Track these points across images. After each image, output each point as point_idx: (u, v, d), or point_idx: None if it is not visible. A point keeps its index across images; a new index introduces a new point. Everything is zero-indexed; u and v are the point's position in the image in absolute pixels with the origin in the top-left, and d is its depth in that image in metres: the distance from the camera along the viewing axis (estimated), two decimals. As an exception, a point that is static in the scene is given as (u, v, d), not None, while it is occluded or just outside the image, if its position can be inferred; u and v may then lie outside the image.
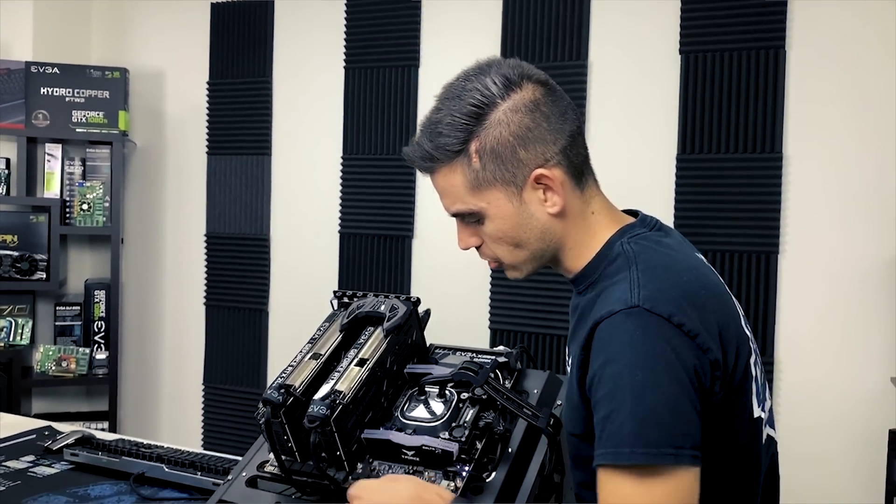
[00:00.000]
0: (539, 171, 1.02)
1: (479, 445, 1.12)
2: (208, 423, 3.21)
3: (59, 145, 3.09)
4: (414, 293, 2.88)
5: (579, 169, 1.06)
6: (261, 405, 1.09)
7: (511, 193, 1.03)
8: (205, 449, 3.16)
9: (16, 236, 3.00)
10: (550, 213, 1.04)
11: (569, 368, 1.07)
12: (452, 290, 2.82)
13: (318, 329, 1.27)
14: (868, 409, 2.29)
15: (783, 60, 2.35)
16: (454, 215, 1.08)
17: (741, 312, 1.04)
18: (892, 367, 2.26)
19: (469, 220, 1.07)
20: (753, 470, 1.02)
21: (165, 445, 1.79)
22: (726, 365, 0.95)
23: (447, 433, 1.12)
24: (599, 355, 0.93)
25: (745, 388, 0.98)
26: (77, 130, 3.03)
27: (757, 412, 1.01)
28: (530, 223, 1.04)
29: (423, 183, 2.86)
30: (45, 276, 3.01)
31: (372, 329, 1.23)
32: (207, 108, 3.18)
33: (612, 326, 0.93)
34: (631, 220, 1.10)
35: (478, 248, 1.11)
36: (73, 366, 3.04)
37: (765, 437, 1.04)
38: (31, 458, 1.74)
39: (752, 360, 1.00)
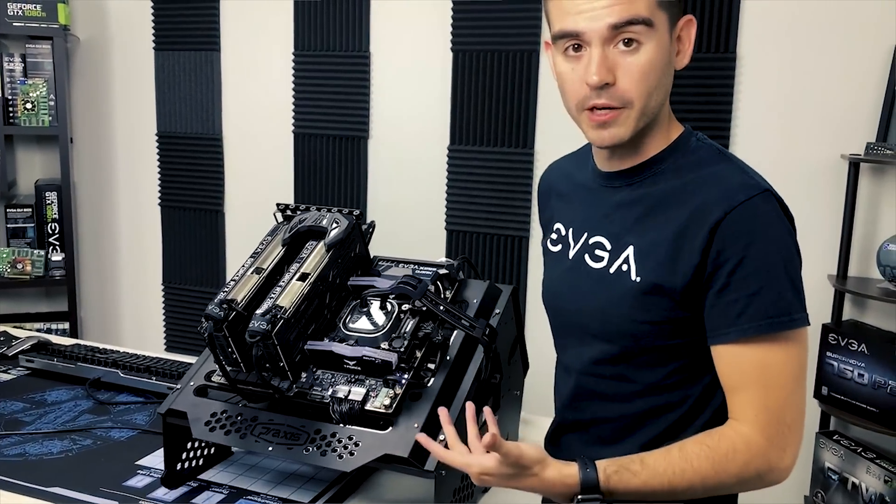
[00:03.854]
0: (689, 16, 1.04)
1: (418, 354, 1.17)
2: (170, 322, 3.25)
3: (-4, 40, 2.95)
4: (370, 194, 2.88)
5: None
6: (204, 320, 1.12)
7: (669, 29, 1.02)
8: (167, 349, 3.22)
9: (-42, 137, 2.90)
10: (678, 67, 1.05)
11: (621, 261, 1.07)
12: (409, 192, 2.83)
13: (261, 243, 1.29)
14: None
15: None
16: (618, 28, 0.97)
17: None
18: (830, 264, 2.35)
19: (630, 34, 0.98)
20: None
21: (122, 350, 1.83)
22: None
23: (387, 343, 1.17)
24: (741, 237, 0.97)
25: None
26: (14, 24, 2.89)
27: None
28: (668, 69, 1.03)
29: (378, 81, 2.81)
30: (-8, 177, 2.95)
31: (314, 243, 1.25)
32: (152, 1, 3.05)
33: (752, 209, 0.97)
34: None
35: (604, 88, 1.00)
36: (28, 268, 3.03)
37: None
38: (-14, 364, 1.76)
39: None
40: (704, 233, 0.98)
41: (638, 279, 1.05)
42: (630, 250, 1.06)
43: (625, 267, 1.06)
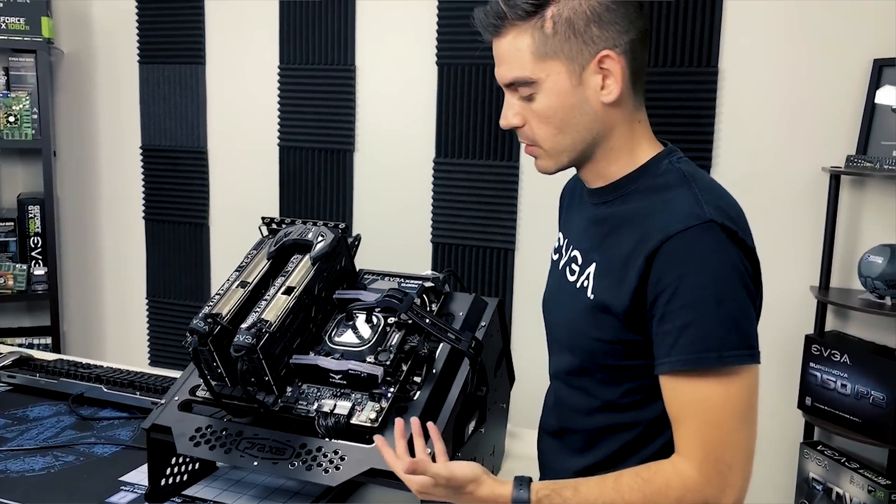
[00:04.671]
0: (607, 51, 1.01)
1: (404, 368, 1.17)
2: (154, 336, 3.23)
3: (-21, 54, 2.94)
4: (356, 207, 2.88)
5: (639, 70, 1.06)
6: (188, 334, 1.11)
7: (572, 71, 1.02)
8: (151, 363, 3.20)
9: (-60, 150, 2.88)
10: (605, 101, 1.03)
11: (584, 277, 1.09)
12: (395, 205, 2.83)
13: (246, 256, 1.28)
14: (788, 316, 2.42)
15: None
16: (508, 85, 1.06)
17: None
18: (813, 275, 2.37)
19: (522, 91, 1.04)
20: None
21: (105, 365, 1.82)
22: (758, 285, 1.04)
23: (373, 357, 1.17)
24: (675, 268, 0.96)
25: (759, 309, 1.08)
26: (-3, 38, 2.88)
27: None
28: (582, 107, 1.03)
29: (364, 94, 2.82)
30: (-26, 191, 2.92)
31: (300, 257, 1.25)
32: (137, 15, 3.05)
33: (689, 240, 0.96)
34: (663, 145, 1.13)
35: (518, 129, 1.09)
36: (10, 282, 3.00)
37: None
38: (-33, 380, 1.74)
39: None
40: (642, 260, 0.99)
41: (592, 296, 1.07)
42: (592, 267, 1.09)
43: (586, 283, 1.08)
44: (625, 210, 1.07)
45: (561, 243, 1.23)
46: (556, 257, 1.25)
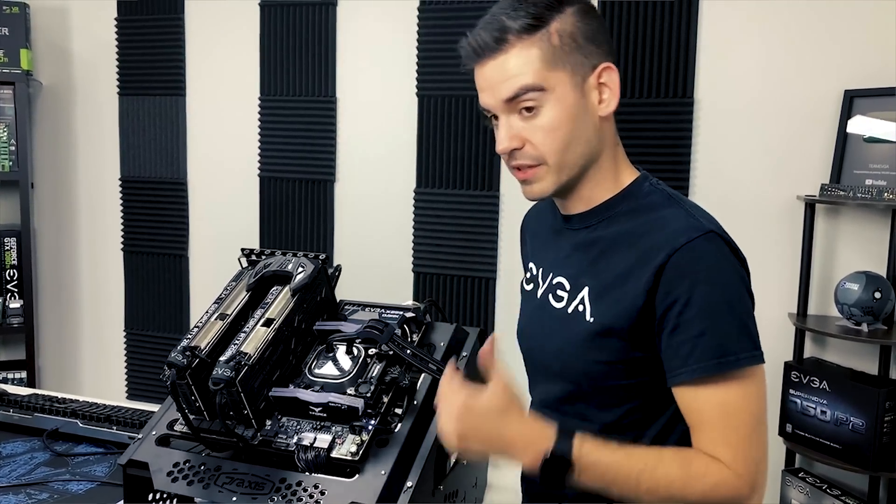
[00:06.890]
0: (607, 63, 1.06)
1: (385, 399, 1.16)
2: (132, 370, 3.18)
3: (-43, 85, 2.92)
4: (337, 238, 2.88)
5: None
6: (166, 368, 1.10)
7: (576, 83, 1.05)
8: (129, 397, 3.15)
9: (-86, 182, 2.85)
10: (602, 114, 1.07)
11: (578, 301, 1.10)
12: (376, 235, 2.83)
13: (225, 288, 1.28)
14: (767, 343, 2.42)
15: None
16: (511, 99, 1.04)
17: None
18: (790, 303, 2.39)
19: (527, 103, 1.04)
20: None
21: (81, 399, 1.79)
22: None
23: (353, 389, 1.16)
24: (685, 279, 0.99)
25: None
26: (-25, 70, 2.87)
27: None
28: (584, 119, 1.06)
29: (345, 125, 2.83)
30: (-51, 223, 2.89)
31: (279, 288, 1.24)
32: (117, 47, 3.05)
33: (695, 251, 0.99)
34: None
35: (516, 152, 1.07)
36: (-15, 316, 2.96)
37: None
38: (-62, 416, 1.70)
39: None
40: (650, 275, 1.01)
41: (591, 320, 1.07)
42: (585, 291, 1.10)
43: (581, 307, 1.09)
44: (613, 232, 1.09)
45: (535, 273, 1.24)
46: (529, 287, 1.25)
